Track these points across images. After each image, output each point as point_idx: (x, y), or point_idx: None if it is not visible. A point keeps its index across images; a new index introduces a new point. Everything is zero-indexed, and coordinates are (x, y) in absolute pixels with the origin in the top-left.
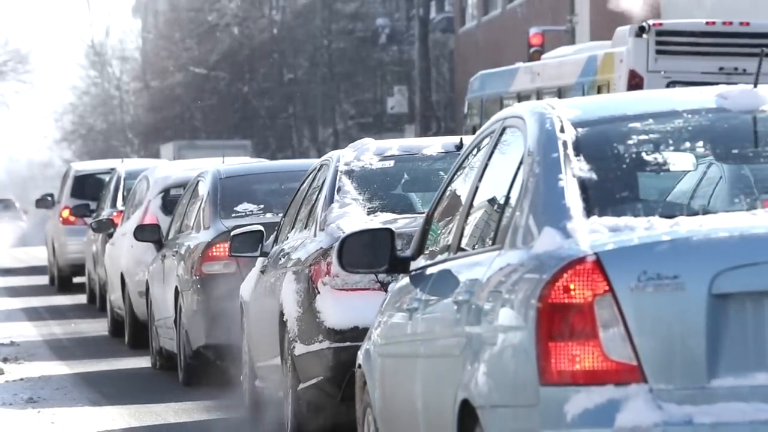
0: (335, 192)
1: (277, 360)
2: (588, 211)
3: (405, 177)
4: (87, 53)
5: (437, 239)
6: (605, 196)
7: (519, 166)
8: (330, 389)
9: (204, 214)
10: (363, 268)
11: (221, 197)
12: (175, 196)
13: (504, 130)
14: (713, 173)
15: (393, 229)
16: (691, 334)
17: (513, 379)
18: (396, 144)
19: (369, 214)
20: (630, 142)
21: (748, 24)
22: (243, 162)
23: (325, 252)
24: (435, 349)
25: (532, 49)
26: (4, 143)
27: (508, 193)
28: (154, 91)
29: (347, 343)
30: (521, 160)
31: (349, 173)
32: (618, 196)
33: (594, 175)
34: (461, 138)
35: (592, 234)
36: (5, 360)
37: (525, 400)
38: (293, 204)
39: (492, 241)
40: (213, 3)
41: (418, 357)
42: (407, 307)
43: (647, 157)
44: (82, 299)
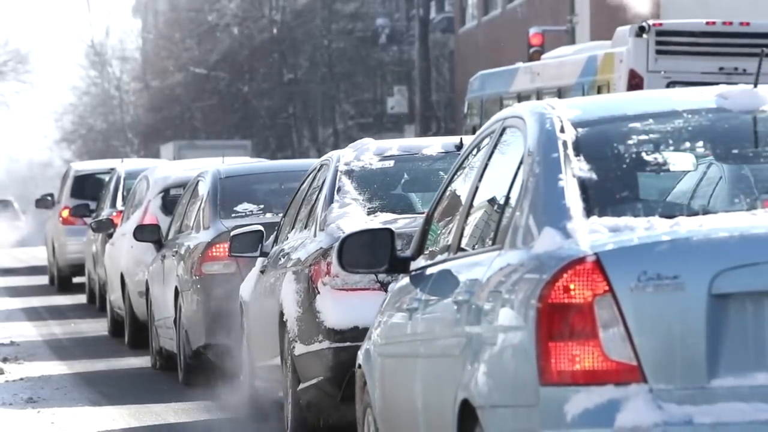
0: (335, 192)
1: (277, 360)
2: (588, 211)
3: (405, 177)
4: (87, 53)
5: (437, 239)
6: (605, 196)
7: (519, 166)
8: (330, 389)
9: (204, 214)
10: (363, 268)
11: (221, 197)
12: (175, 196)
13: (504, 130)
14: (713, 173)
15: (393, 229)
16: (691, 334)
17: (513, 379)
18: (396, 144)
19: (369, 214)
20: (630, 142)
21: (748, 24)
22: (243, 162)
23: (325, 252)
24: (435, 349)
25: (532, 49)
26: (4, 143)
27: (508, 193)
28: (154, 91)
29: (347, 343)
30: (521, 160)
31: (349, 173)
32: (618, 196)
33: (594, 175)
34: (461, 138)
35: (592, 234)
36: (5, 360)
37: (525, 400)
38: (293, 204)
39: (492, 241)
40: (213, 3)
41: (418, 357)
42: (407, 307)
43: (647, 157)
44: (82, 299)
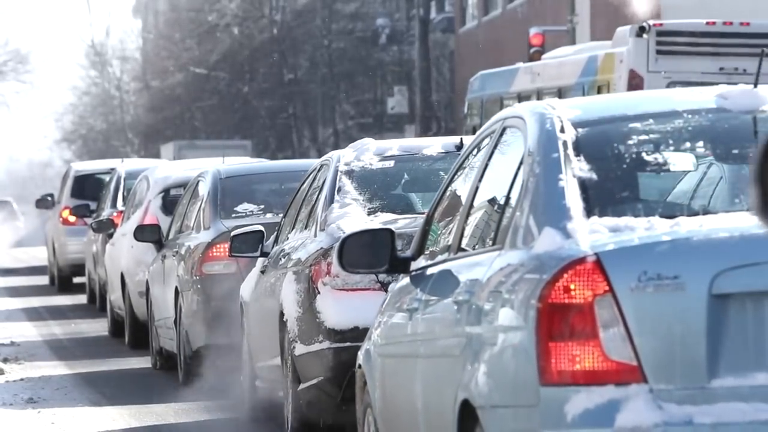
0: (335, 192)
1: (277, 360)
2: (588, 212)
3: (405, 177)
4: (87, 53)
5: (437, 239)
6: (605, 196)
7: (519, 166)
8: (330, 389)
9: (204, 214)
10: (363, 268)
11: (221, 197)
12: (175, 196)
13: (504, 130)
14: (713, 173)
15: (393, 230)
16: (692, 334)
17: (513, 379)
18: (396, 144)
19: (369, 214)
20: (630, 142)
21: (748, 24)
22: (243, 162)
23: (326, 252)
24: (435, 349)
25: (532, 49)
26: (4, 143)
27: (508, 194)
28: (154, 91)
29: (347, 344)
30: (521, 160)
31: (350, 173)
32: (618, 196)
33: (594, 175)
34: (461, 138)
35: (592, 234)
36: (5, 360)
37: (525, 400)
38: (293, 204)
39: (492, 242)
40: (213, 3)
41: (418, 357)
42: (407, 308)
43: (647, 157)
44: (82, 299)
